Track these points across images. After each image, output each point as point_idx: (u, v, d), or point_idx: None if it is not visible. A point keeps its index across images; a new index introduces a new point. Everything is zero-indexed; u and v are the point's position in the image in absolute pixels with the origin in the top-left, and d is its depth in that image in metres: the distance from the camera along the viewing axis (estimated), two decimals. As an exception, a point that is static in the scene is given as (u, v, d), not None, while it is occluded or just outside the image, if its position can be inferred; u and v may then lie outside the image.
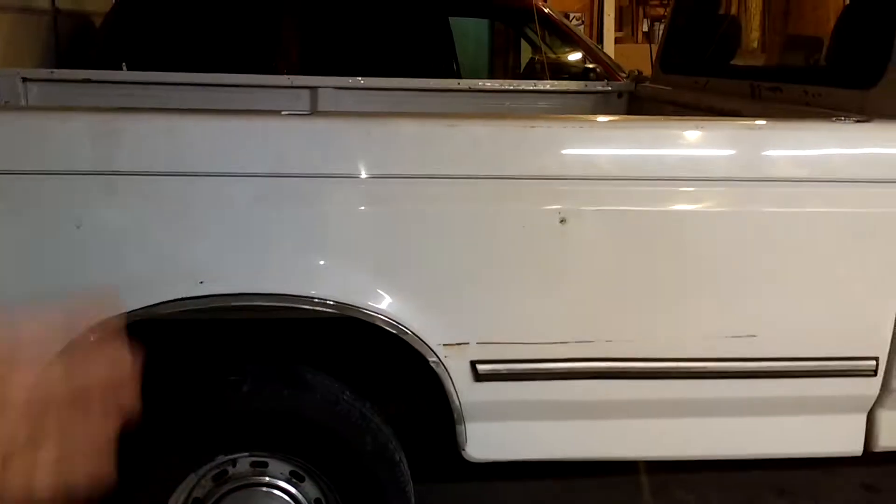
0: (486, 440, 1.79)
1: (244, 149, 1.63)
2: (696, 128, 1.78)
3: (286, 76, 3.48)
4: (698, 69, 2.93)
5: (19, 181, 1.57)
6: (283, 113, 1.73)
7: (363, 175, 1.65)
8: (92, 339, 1.49)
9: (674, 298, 1.76)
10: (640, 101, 3.32)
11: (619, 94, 3.40)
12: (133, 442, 1.70)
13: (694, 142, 1.78)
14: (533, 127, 1.71)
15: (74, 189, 1.58)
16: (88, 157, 1.56)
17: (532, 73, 5.86)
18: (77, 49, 4.94)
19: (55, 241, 1.58)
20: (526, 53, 7.00)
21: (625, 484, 2.68)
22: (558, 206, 1.67)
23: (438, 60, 4.73)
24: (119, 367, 0.75)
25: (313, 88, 3.26)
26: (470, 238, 1.68)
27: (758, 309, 1.76)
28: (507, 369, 1.72)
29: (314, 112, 1.92)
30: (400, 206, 1.66)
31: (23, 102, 3.00)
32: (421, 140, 1.68)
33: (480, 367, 1.72)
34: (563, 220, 1.67)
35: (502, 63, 7.06)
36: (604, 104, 3.38)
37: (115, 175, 1.58)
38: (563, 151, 1.72)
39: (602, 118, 1.91)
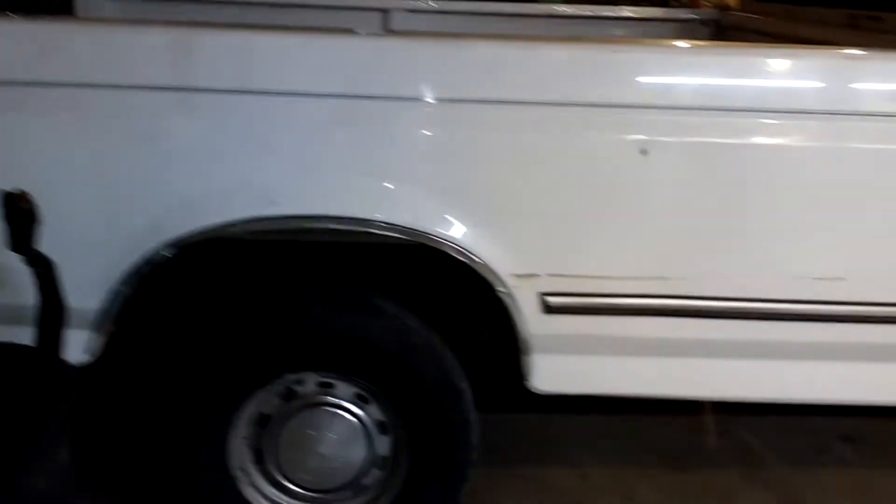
0: (551, 372, 1.77)
1: (318, 68, 1.60)
2: (787, 56, 1.68)
3: (358, -4, 3.41)
4: (791, -3, 2.77)
5: (97, 93, 1.57)
6: (356, 32, 1.68)
7: (437, 98, 1.61)
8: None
9: (756, 237, 1.69)
10: (727, 30, 3.16)
11: (704, 23, 3.24)
12: (204, 355, 1.76)
13: (784, 71, 1.68)
14: (615, 52, 1.63)
15: (150, 103, 1.57)
16: (165, 72, 1.55)
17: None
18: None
19: (129, 153, 1.59)
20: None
21: (687, 423, 2.65)
22: (639, 137, 1.60)
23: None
24: None
25: (385, 10, 3.19)
26: (544, 167, 1.63)
27: (846, 251, 1.68)
28: (578, 303, 1.69)
29: (388, 32, 1.87)
30: (474, 132, 1.62)
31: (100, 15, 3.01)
32: (497, 63, 1.63)
33: (550, 299, 1.69)
34: (643, 151, 1.61)
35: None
36: (687, 33, 3.23)
37: (190, 91, 1.57)
38: (646, 79, 1.64)
39: (686, 44, 1.81)
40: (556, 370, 1.77)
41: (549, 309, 1.70)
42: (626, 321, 1.72)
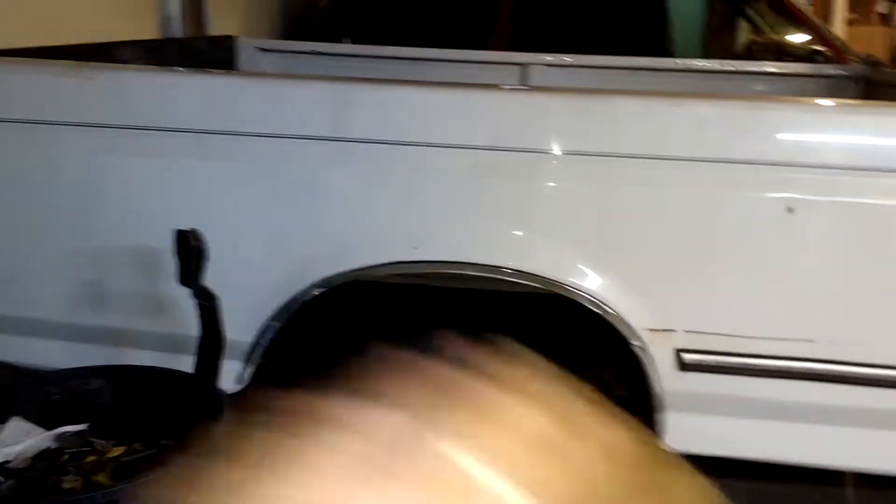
0: (685, 432, 1.73)
1: (465, 120, 1.67)
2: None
3: (498, 52, 3.51)
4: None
5: (258, 143, 1.70)
6: (502, 86, 1.75)
7: (580, 152, 1.64)
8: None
9: (907, 302, 1.62)
10: (877, 86, 3.04)
11: (854, 79, 3.13)
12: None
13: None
14: (764, 109, 1.62)
15: (308, 153, 1.68)
16: (324, 124, 1.66)
17: (750, 55, 5.54)
18: (302, 24, 5.26)
19: (288, 199, 1.70)
20: (744, 34, 6.63)
21: (823, 496, 2.51)
22: (786, 195, 1.58)
23: (652, 38, 4.59)
24: None
25: (524, 65, 3.27)
26: (686, 222, 1.63)
27: None
28: (715, 361, 1.66)
29: (533, 86, 1.93)
30: (615, 186, 1.64)
31: (258, 69, 3.24)
32: (642, 119, 1.65)
33: (686, 356, 1.67)
34: (790, 210, 1.58)
35: (718, 43, 6.71)
36: (834, 89, 3.13)
37: (346, 141, 1.67)
38: (795, 136, 1.62)
39: (836, 102, 1.77)
40: (689, 429, 1.74)
41: (685, 366, 1.67)
42: (766, 383, 1.66)
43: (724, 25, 6.75)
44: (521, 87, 2.06)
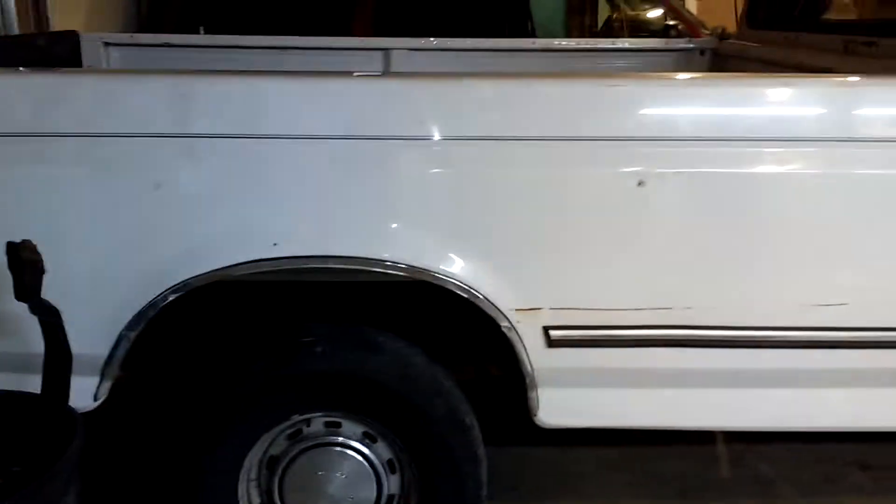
0: (558, 406, 1.76)
1: (318, 111, 1.62)
2: (786, 85, 1.69)
3: (358, 38, 3.46)
4: (787, 24, 2.79)
5: (100, 144, 1.60)
6: (355, 74, 1.71)
7: (436, 137, 1.63)
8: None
9: (756, 265, 1.69)
10: (724, 58, 3.18)
11: (702, 52, 3.27)
12: (212, 401, 1.76)
13: (783, 100, 1.69)
14: (611, 86, 1.65)
15: (153, 151, 1.60)
16: (167, 120, 1.58)
17: (610, 32, 5.69)
18: (157, 14, 5.03)
19: (134, 202, 1.61)
20: (603, 12, 6.81)
21: (700, 454, 2.63)
22: (637, 169, 1.62)
23: (513, 20, 4.64)
24: None
25: (386, 50, 3.23)
26: (544, 201, 1.64)
27: (848, 277, 1.68)
28: (581, 335, 1.69)
29: (387, 73, 1.90)
30: (473, 169, 1.64)
31: (104, 66, 3.06)
32: (495, 101, 1.65)
33: (553, 332, 1.69)
34: (640, 183, 1.62)
35: (578, 22, 6.88)
36: (685, 62, 3.25)
37: (192, 137, 1.60)
38: (642, 111, 1.65)
39: (682, 75, 1.83)
40: (561, 404, 1.77)
41: (553, 342, 1.70)
42: (630, 353, 1.71)
43: (583, 4, 6.93)
44: (374, 73, 2.03)
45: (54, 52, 2.97)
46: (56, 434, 1.46)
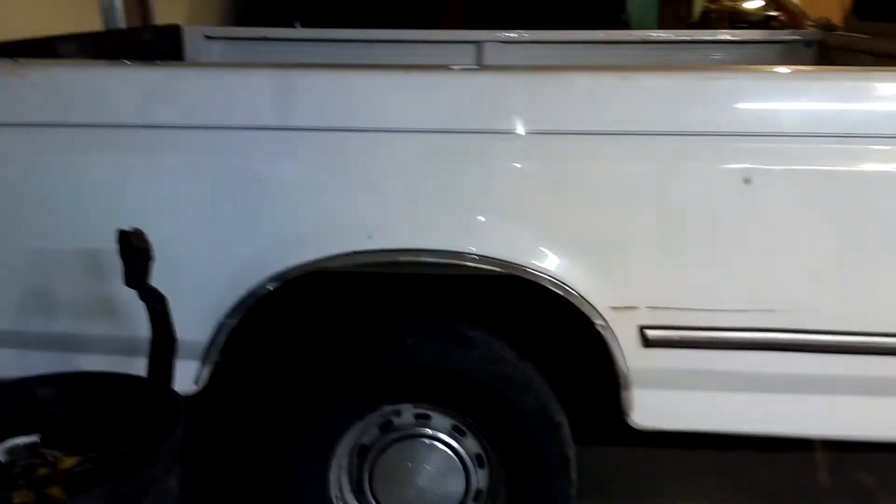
0: (652, 408, 1.72)
1: (415, 104, 1.62)
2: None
3: (450, 31, 3.45)
4: (901, 14, 2.65)
5: (203, 135, 1.64)
6: (452, 67, 1.70)
7: (533, 131, 1.61)
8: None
9: (866, 268, 1.61)
10: (832, 51, 3.04)
11: (808, 44, 3.12)
12: (306, 389, 1.79)
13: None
14: (715, 79, 1.60)
15: (255, 144, 1.63)
16: (268, 113, 1.61)
17: (706, 23, 5.54)
18: (254, 8, 5.15)
19: (236, 194, 1.65)
20: (699, 3, 6.64)
21: (795, 460, 2.54)
22: (742, 165, 1.56)
23: (606, 11, 4.56)
24: None
25: (478, 43, 3.22)
26: (644, 197, 1.60)
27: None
28: (678, 336, 1.65)
29: (483, 66, 1.88)
30: (570, 163, 1.61)
31: (205, 59, 3.15)
32: (593, 94, 1.62)
33: (650, 332, 1.65)
34: (747, 180, 1.56)
35: (672, 14, 6.72)
36: (790, 55, 3.12)
37: (292, 130, 1.62)
38: (748, 106, 1.60)
39: (790, 69, 1.75)
40: (655, 405, 1.73)
41: (649, 342, 1.66)
42: (729, 355, 1.66)
43: (679, -5, 6.76)
44: (471, 66, 2.02)
45: (158, 45, 3.08)
46: (160, 417, 1.51)
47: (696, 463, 2.49)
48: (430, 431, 1.85)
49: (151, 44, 3.02)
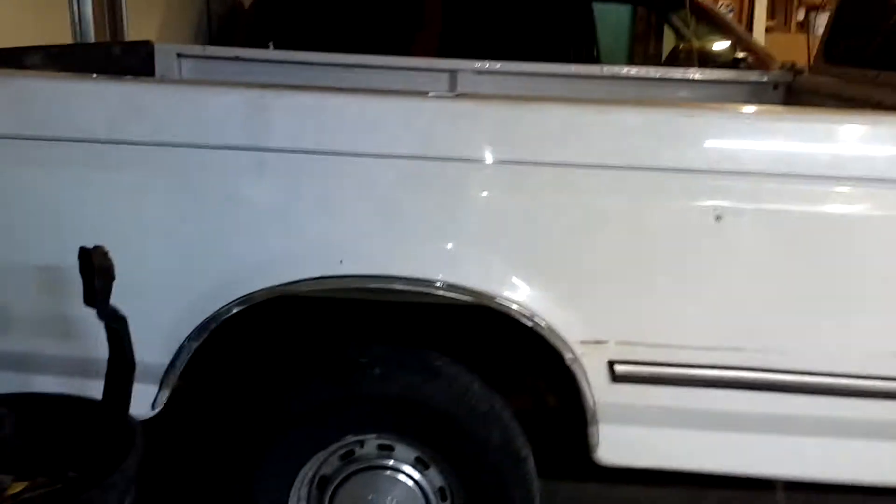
0: (619, 444, 1.71)
1: (390, 129, 1.60)
2: (872, 122, 1.63)
3: (425, 58, 3.46)
4: (867, 61, 2.71)
5: (173, 154, 1.61)
6: (430, 94, 1.69)
7: (507, 160, 1.60)
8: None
9: (835, 309, 1.63)
10: (799, 93, 3.11)
11: (776, 86, 3.19)
12: (267, 417, 1.75)
13: (867, 137, 1.63)
14: (691, 116, 1.61)
15: (225, 163, 1.60)
16: (240, 133, 1.58)
17: (675, 61, 5.63)
18: (227, 28, 5.12)
19: (203, 214, 1.61)
20: (668, 41, 6.74)
21: (755, 500, 2.53)
22: (714, 203, 1.57)
23: (579, 46, 4.61)
24: None
25: (453, 71, 3.23)
26: (615, 231, 1.60)
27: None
28: (648, 372, 1.64)
29: (460, 94, 1.87)
30: (544, 195, 1.60)
31: (177, 77, 3.11)
32: (570, 127, 1.61)
33: (619, 367, 1.64)
34: (718, 218, 1.56)
35: (642, 51, 6.83)
36: (757, 96, 3.18)
37: (264, 151, 1.59)
38: (722, 144, 1.60)
39: (764, 109, 1.78)
40: (623, 442, 1.71)
41: (617, 377, 1.65)
42: (698, 393, 1.65)
43: (648, 33, 6.88)
44: (448, 94, 2.01)
45: (128, 61, 3.03)
46: (114, 441, 1.46)
47: (656, 499, 2.47)
48: (392, 462, 1.81)
49: (121, 59, 2.98)
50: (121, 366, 1.48)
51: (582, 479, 2.44)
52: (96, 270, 1.38)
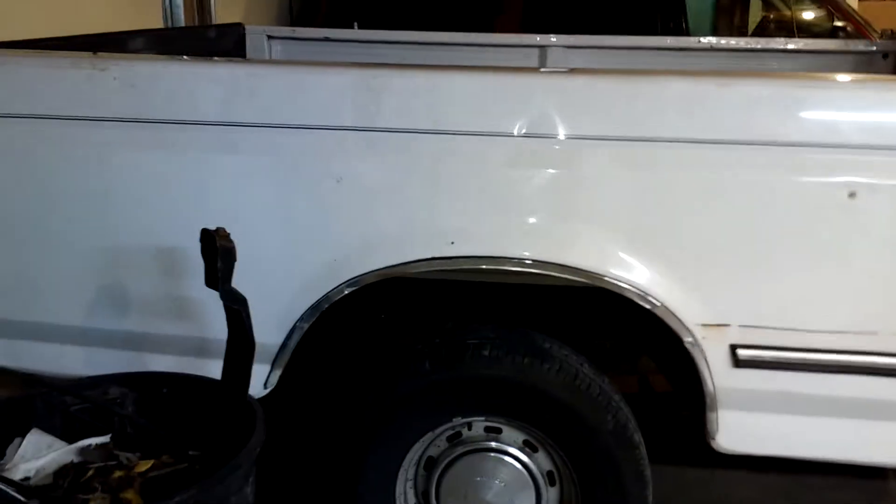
0: (739, 431, 1.65)
1: (503, 107, 1.57)
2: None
3: (514, 35, 3.40)
4: None
5: (283, 135, 1.60)
6: (541, 70, 1.64)
7: (625, 137, 1.55)
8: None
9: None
10: (909, 62, 2.94)
11: (885, 55, 3.02)
12: (375, 398, 1.74)
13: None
14: (822, 87, 1.52)
15: (336, 144, 1.59)
16: (350, 113, 1.56)
17: (763, 32, 5.42)
18: (308, 10, 5.14)
19: (315, 195, 1.61)
20: (755, 12, 6.50)
21: (868, 488, 2.43)
22: (847, 179, 1.48)
23: (667, 17, 4.47)
24: None
25: (542, 47, 3.16)
26: (739, 210, 1.53)
27: None
28: (773, 357, 1.57)
29: (574, 69, 1.82)
30: (664, 172, 1.54)
31: (267, 58, 3.13)
32: (690, 101, 1.54)
33: (742, 352, 1.58)
34: (852, 195, 1.48)
35: (727, 22, 6.59)
36: (865, 66, 3.02)
37: (374, 131, 1.58)
38: (856, 117, 1.51)
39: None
40: (743, 429, 1.65)
41: (740, 362, 1.58)
42: (826, 379, 1.57)
43: (735, 3, 6.63)
44: (562, 69, 1.95)
45: (221, 44, 3.06)
46: (235, 421, 1.47)
47: (771, 487, 2.40)
48: (499, 445, 1.79)
49: (215, 42, 3.01)
50: (241, 346, 1.49)
51: (679, 463, 2.38)
52: (219, 252, 1.38)
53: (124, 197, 1.66)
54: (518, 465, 1.79)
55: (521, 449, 1.79)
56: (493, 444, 1.79)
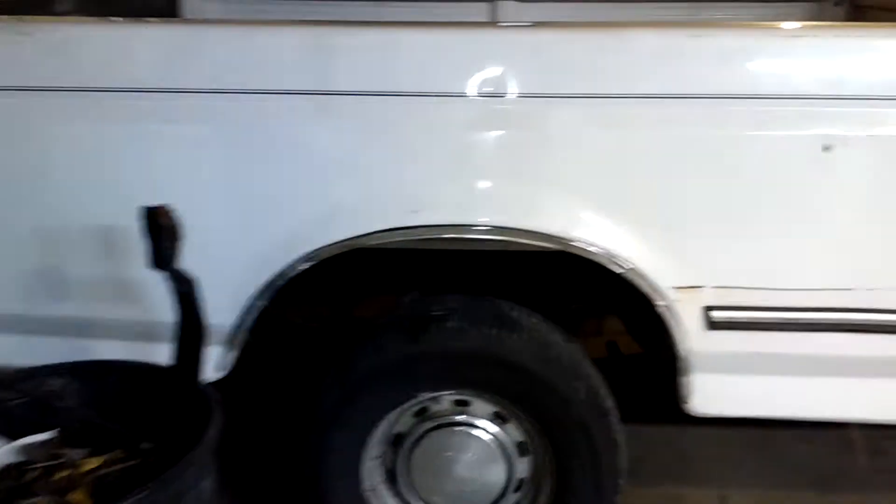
0: (713, 393, 1.61)
1: (462, 66, 1.47)
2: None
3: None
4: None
5: (230, 100, 1.49)
6: (499, 24, 1.55)
7: (591, 95, 1.47)
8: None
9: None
10: (862, 9, 2.90)
11: (837, 2, 2.98)
12: (338, 375, 1.66)
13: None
14: (795, 37, 1.46)
15: (284, 109, 1.48)
16: (306, 75, 1.45)
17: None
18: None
19: (264, 165, 1.50)
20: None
21: (831, 438, 2.45)
22: (822, 131, 1.43)
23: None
24: None
25: (492, 0, 3.05)
26: (711, 167, 1.48)
27: None
28: (747, 317, 1.53)
29: (538, 23, 1.71)
30: (632, 131, 1.48)
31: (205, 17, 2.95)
32: (661, 54, 1.47)
33: (715, 313, 1.54)
34: (826, 148, 1.43)
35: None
36: (818, 14, 2.98)
37: (325, 94, 1.47)
38: (829, 67, 1.46)
39: (875, 27, 1.62)
40: (717, 391, 1.62)
41: (714, 324, 1.54)
42: (802, 338, 1.55)
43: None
44: (525, 23, 1.86)
45: (152, 2, 2.88)
46: (188, 410, 1.38)
47: (731, 442, 2.39)
48: (468, 418, 1.73)
49: (146, 1, 2.82)
50: (191, 329, 1.39)
51: (640, 422, 2.36)
52: (163, 231, 1.28)
53: (58, 173, 1.54)
54: (488, 438, 1.73)
55: (491, 421, 1.73)
56: (462, 417, 1.73)
